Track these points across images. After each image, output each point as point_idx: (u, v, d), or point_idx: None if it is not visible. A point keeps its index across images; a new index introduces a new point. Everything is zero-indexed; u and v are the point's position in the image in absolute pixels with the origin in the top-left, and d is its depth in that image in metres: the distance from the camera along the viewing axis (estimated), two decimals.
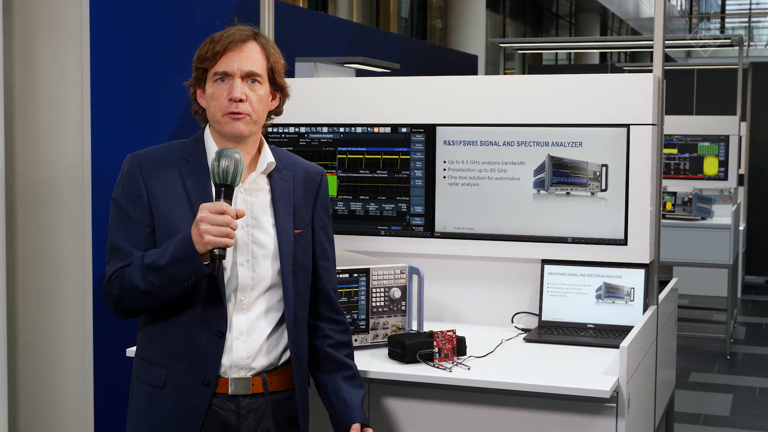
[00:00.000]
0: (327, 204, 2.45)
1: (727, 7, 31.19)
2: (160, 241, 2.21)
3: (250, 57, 2.24)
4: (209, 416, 2.22)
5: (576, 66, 19.31)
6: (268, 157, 2.32)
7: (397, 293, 2.92)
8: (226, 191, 2.13)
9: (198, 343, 2.21)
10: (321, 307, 2.42)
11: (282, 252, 2.28)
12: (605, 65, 13.26)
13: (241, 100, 2.21)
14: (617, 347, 2.62)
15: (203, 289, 2.21)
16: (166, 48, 3.82)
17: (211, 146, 2.28)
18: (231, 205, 2.13)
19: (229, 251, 2.22)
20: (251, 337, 2.26)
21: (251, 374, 2.27)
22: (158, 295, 2.16)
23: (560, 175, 3.19)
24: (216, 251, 2.10)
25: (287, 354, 2.33)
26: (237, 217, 2.12)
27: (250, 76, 2.24)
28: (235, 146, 2.26)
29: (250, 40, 2.26)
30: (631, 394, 2.61)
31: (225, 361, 2.24)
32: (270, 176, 2.33)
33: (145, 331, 2.30)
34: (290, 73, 5.58)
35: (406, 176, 3.35)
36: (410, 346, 2.70)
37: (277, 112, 2.38)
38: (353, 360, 2.48)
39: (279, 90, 2.34)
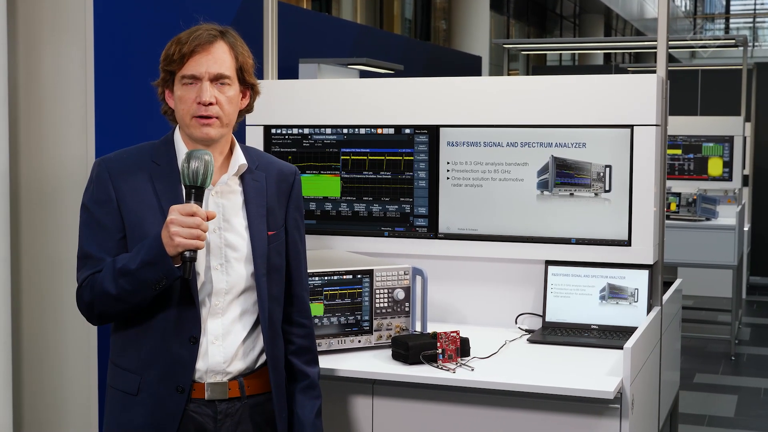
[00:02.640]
0: (300, 204, 2.42)
1: (731, 8, 31.16)
2: (131, 246, 2.18)
3: (218, 58, 2.20)
4: (186, 422, 2.20)
5: (580, 67, 19.31)
6: (239, 159, 2.29)
7: (400, 294, 2.92)
8: (197, 193, 2.11)
9: (171, 349, 2.19)
10: (290, 309, 2.40)
11: (255, 254, 2.26)
12: (609, 66, 13.25)
13: (210, 104, 2.19)
14: (621, 348, 2.61)
15: (176, 295, 2.18)
16: None
17: (181, 148, 2.26)
18: (201, 206, 2.11)
19: (202, 255, 2.20)
20: (227, 341, 2.24)
21: (228, 378, 2.25)
22: (130, 300, 2.14)
23: (564, 176, 3.19)
24: (187, 254, 2.07)
25: (263, 357, 2.31)
26: (208, 219, 2.10)
27: (218, 79, 2.20)
28: (206, 148, 2.23)
29: (218, 40, 2.22)
30: (635, 395, 2.60)
31: (201, 366, 2.21)
32: (242, 177, 2.30)
33: (117, 337, 2.27)
34: (294, 75, 5.58)
35: (410, 177, 3.35)
36: (414, 347, 2.70)
37: (248, 109, 2.34)
38: (315, 364, 2.45)
39: (249, 88, 2.31)
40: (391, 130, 3.36)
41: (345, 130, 3.41)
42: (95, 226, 2.20)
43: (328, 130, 3.43)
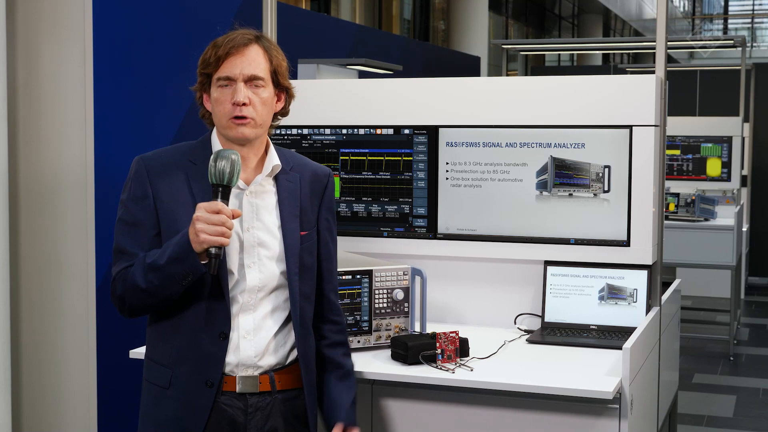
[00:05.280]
0: (332, 205, 2.47)
1: (729, 8, 31.17)
2: (165, 243, 2.23)
3: (253, 60, 2.26)
4: (217, 414, 2.25)
5: (578, 67, 19.30)
6: (273, 160, 2.34)
7: (399, 294, 2.92)
8: (223, 191, 2.15)
9: (201, 344, 2.24)
10: (323, 307, 2.45)
11: (288, 254, 2.30)
12: (608, 66, 13.25)
13: (244, 104, 2.23)
14: (620, 348, 2.61)
15: (207, 291, 2.23)
16: (169, 49, 3.82)
17: (217, 148, 2.29)
18: (227, 205, 2.15)
19: (235, 252, 2.25)
20: (258, 336, 2.28)
21: (259, 372, 2.29)
22: (159, 294, 2.19)
23: (563, 176, 3.19)
24: (212, 250, 2.13)
25: (295, 353, 2.35)
26: (233, 217, 2.14)
27: (253, 80, 2.26)
28: (241, 148, 2.29)
29: (252, 43, 2.28)
30: (634, 396, 2.61)
31: (232, 359, 2.26)
32: (276, 178, 2.35)
33: (151, 331, 2.33)
34: (293, 75, 5.57)
35: (409, 178, 3.35)
36: (413, 348, 2.70)
37: (284, 112, 2.40)
38: (350, 358, 2.50)
39: (284, 91, 2.36)
40: (390, 131, 3.37)
41: (344, 131, 3.41)
42: (131, 222, 2.26)
43: (327, 131, 3.43)
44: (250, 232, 2.28)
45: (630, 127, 3.10)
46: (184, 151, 2.33)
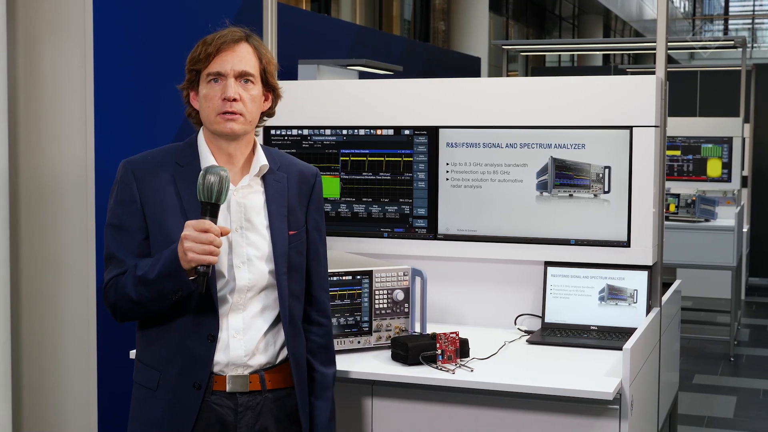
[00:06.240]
0: (320, 205, 2.46)
1: (730, 9, 31.17)
2: (153, 246, 2.24)
3: (243, 57, 2.26)
4: (207, 414, 2.25)
5: (579, 68, 19.31)
6: (261, 160, 2.33)
7: (400, 295, 2.92)
8: (212, 209, 2.15)
9: (189, 347, 2.24)
10: (309, 308, 2.44)
11: (276, 254, 2.30)
12: (608, 67, 13.25)
13: (234, 100, 2.23)
14: (620, 349, 2.61)
15: (196, 294, 2.22)
16: (170, 50, 3.82)
17: (204, 149, 2.30)
18: (215, 222, 2.15)
19: (224, 253, 2.25)
20: (248, 335, 2.28)
21: (249, 372, 2.29)
22: (150, 307, 2.21)
23: (563, 177, 3.19)
24: (200, 268, 2.13)
25: (284, 352, 2.35)
26: (222, 235, 2.15)
27: (243, 76, 2.26)
28: (228, 145, 2.29)
29: (242, 41, 2.29)
30: (634, 396, 2.60)
31: (222, 359, 2.26)
32: (264, 178, 2.35)
33: (141, 334, 2.34)
34: (293, 76, 5.58)
35: (409, 178, 3.35)
36: (413, 348, 2.70)
37: (270, 113, 2.40)
38: (332, 365, 2.47)
39: (271, 91, 2.36)
40: (391, 131, 3.37)
41: (344, 131, 3.41)
42: (119, 226, 2.26)
43: (328, 131, 3.43)
44: (239, 232, 2.28)
45: (630, 127, 3.10)
46: (171, 153, 2.33)
